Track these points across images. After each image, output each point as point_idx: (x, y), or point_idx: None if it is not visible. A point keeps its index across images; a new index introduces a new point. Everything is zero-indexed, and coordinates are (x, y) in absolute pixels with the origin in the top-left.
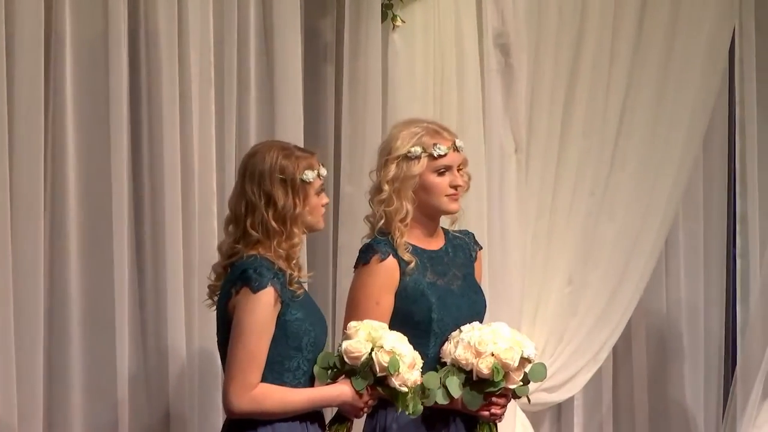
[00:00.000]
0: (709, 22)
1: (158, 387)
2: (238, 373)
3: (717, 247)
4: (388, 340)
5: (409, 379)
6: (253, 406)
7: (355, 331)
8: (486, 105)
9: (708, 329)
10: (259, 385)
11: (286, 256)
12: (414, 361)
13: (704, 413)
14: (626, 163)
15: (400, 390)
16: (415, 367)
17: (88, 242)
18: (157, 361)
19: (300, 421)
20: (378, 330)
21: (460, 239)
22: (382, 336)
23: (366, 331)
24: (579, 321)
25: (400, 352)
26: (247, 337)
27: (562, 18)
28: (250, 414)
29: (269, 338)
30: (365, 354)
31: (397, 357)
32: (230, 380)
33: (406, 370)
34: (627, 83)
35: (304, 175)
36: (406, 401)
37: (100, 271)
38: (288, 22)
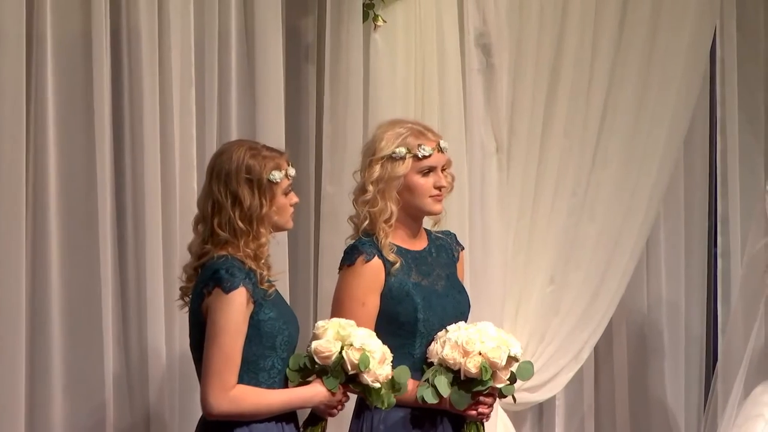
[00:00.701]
0: (690, 21)
1: (139, 389)
2: (215, 374)
3: (698, 247)
4: (358, 338)
5: (381, 374)
6: (232, 407)
7: (324, 331)
8: (467, 104)
9: (689, 329)
10: (236, 386)
11: (254, 255)
12: (384, 356)
13: (685, 412)
14: (607, 162)
15: (372, 386)
16: (386, 362)
17: (70, 242)
18: (138, 363)
19: (276, 421)
20: (346, 328)
21: (443, 239)
22: (350, 334)
23: (334, 329)
24: (560, 320)
25: (370, 348)
26: (222, 338)
27: (543, 18)
28: (229, 415)
29: (243, 338)
30: (335, 353)
31: (367, 353)
32: (208, 382)
33: (376, 365)
34: (608, 83)
35: (270, 175)
36: (380, 396)
37: (82, 272)
38: (269, 22)
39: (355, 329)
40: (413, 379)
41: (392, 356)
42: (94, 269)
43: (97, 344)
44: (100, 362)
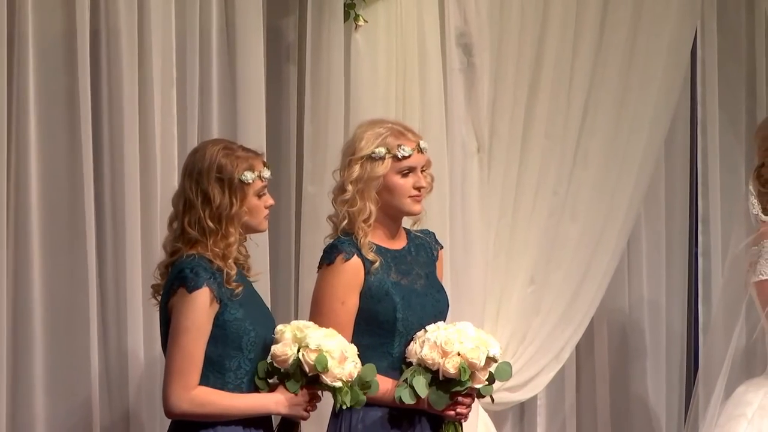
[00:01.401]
0: (671, 22)
1: (118, 389)
2: (177, 373)
3: (679, 247)
4: (314, 338)
5: (341, 373)
6: (192, 408)
7: (281, 334)
8: (448, 104)
9: (670, 328)
10: (198, 387)
11: (223, 255)
12: (343, 355)
13: (666, 412)
14: (588, 162)
15: (333, 385)
16: (348, 360)
17: (52, 242)
18: (117, 363)
19: (244, 426)
20: (303, 329)
21: (422, 239)
22: (307, 335)
23: (291, 332)
24: (541, 320)
25: (328, 348)
26: (184, 338)
27: (524, 17)
28: (189, 415)
29: (206, 338)
30: (292, 356)
31: (324, 354)
32: (169, 381)
33: (335, 365)
34: (589, 83)
35: (243, 176)
36: (345, 395)
37: (64, 272)
38: (250, 21)
39: (313, 330)
40: (392, 378)
41: (361, 353)
42: (76, 269)
43: (80, 344)
44: (82, 362)
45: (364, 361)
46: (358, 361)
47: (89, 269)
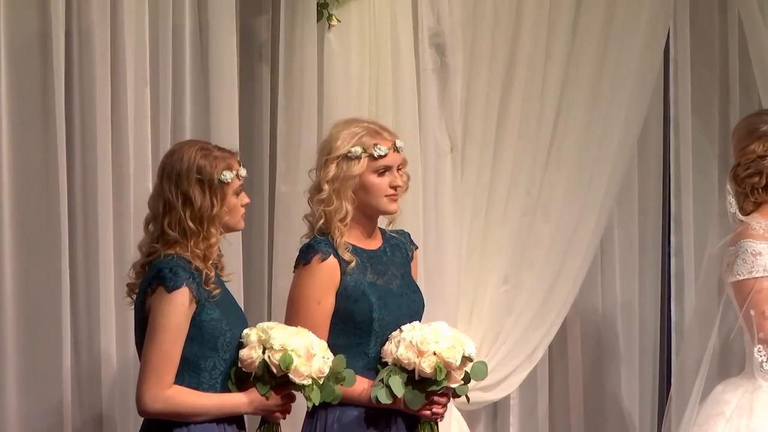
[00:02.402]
0: (644, 21)
1: (90, 390)
2: (152, 372)
3: (652, 246)
4: (277, 339)
5: (308, 370)
6: (165, 407)
7: (247, 338)
8: (421, 104)
9: (643, 328)
10: (172, 386)
11: (203, 256)
12: (309, 352)
13: (639, 411)
14: (561, 162)
15: (302, 384)
16: (315, 357)
17: (22, 242)
18: (89, 364)
19: (217, 423)
20: (267, 330)
21: (397, 239)
22: (270, 336)
23: (256, 335)
24: (514, 320)
25: (293, 347)
26: (162, 337)
27: (497, 18)
28: (162, 414)
29: (183, 338)
30: (258, 359)
31: (289, 353)
32: (144, 380)
33: (302, 363)
34: (562, 83)
35: (222, 176)
36: (317, 391)
37: (37, 271)
38: (223, 21)
39: (277, 330)
40: (368, 378)
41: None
42: (49, 269)
43: (52, 345)
44: (54, 362)
45: None
46: (329, 356)
47: (62, 269)
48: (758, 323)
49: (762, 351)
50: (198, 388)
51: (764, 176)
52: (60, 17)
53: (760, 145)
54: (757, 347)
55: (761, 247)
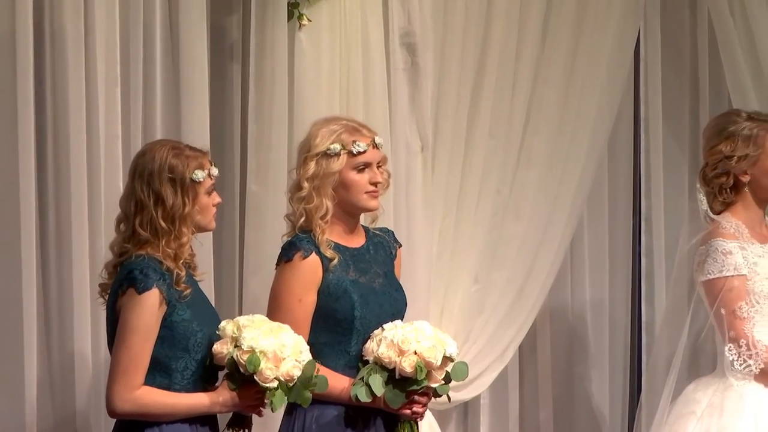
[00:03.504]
0: (614, 21)
1: (63, 390)
2: (121, 374)
3: (622, 246)
4: (247, 338)
5: (273, 374)
6: (135, 408)
7: (223, 331)
8: (392, 103)
9: (613, 327)
10: (141, 387)
11: (175, 255)
12: (277, 355)
13: (610, 411)
14: (532, 161)
15: (265, 386)
16: (285, 360)
17: None
18: (62, 366)
19: (189, 423)
20: (241, 328)
21: (381, 237)
22: (241, 334)
23: (231, 329)
24: (485, 320)
25: (262, 348)
26: (131, 339)
27: (468, 17)
28: (132, 415)
29: (153, 340)
30: (228, 355)
31: (257, 354)
32: (113, 381)
33: (269, 366)
34: (533, 82)
35: (194, 175)
36: (280, 396)
37: (6, 273)
38: (194, 20)
39: (250, 329)
40: (349, 377)
41: (319, 350)
42: (16, 270)
43: (20, 346)
44: (25, 363)
45: (322, 358)
46: (303, 359)
47: (32, 270)
48: (729, 322)
49: (733, 350)
50: (169, 388)
51: (731, 176)
52: (30, 17)
53: (727, 145)
54: (728, 346)
55: (732, 246)
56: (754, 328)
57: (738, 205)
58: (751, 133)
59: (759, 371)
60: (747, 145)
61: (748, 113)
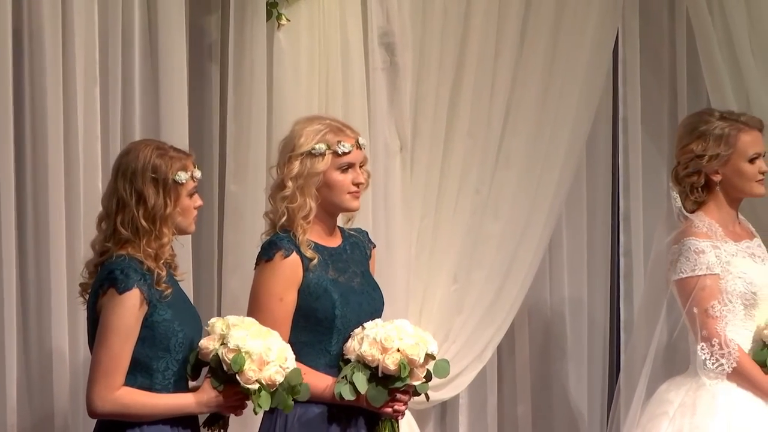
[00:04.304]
0: (593, 21)
1: (41, 391)
2: (101, 374)
3: (601, 246)
4: (234, 338)
5: (256, 376)
6: (116, 409)
7: (212, 327)
8: (371, 103)
9: (592, 327)
10: (122, 387)
11: (155, 255)
12: (263, 359)
13: (588, 410)
14: (511, 161)
15: (247, 388)
16: (270, 365)
17: None
18: (40, 365)
19: (171, 425)
20: (231, 326)
21: (356, 237)
22: (229, 333)
23: (220, 326)
24: (464, 319)
25: (248, 349)
26: (112, 339)
27: (447, 17)
28: (112, 415)
29: (134, 340)
30: (213, 351)
31: (242, 355)
32: (93, 382)
33: (252, 368)
34: (512, 82)
35: (177, 176)
36: (264, 399)
37: None
38: (173, 20)
39: (239, 329)
40: (330, 375)
41: (299, 350)
42: None
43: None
44: (3, 366)
45: (303, 358)
46: (288, 366)
47: (11, 270)
48: (701, 321)
49: (705, 349)
50: (150, 389)
51: (703, 175)
52: (8, 16)
53: (699, 144)
54: (700, 345)
55: (704, 245)
56: (727, 327)
57: (711, 204)
58: (722, 133)
59: (731, 370)
60: (718, 145)
61: (720, 113)
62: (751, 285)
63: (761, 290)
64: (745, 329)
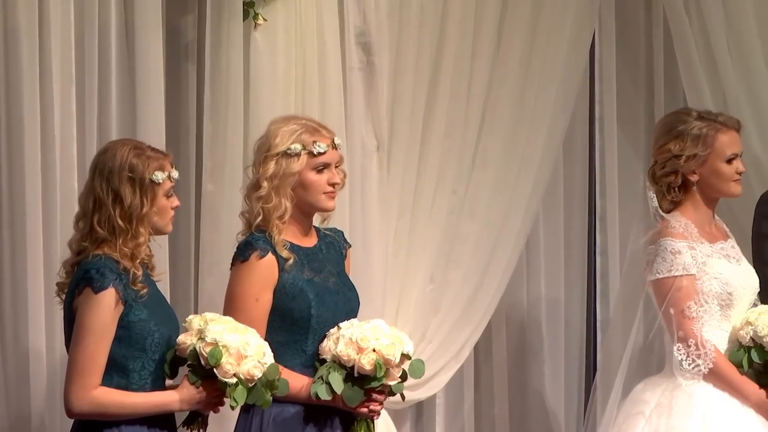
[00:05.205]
0: (569, 21)
1: (17, 391)
2: (78, 374)
3: (577, 245)
4: (212, 332)
5: (234, 370)
6: (93, 408)
7: (190, 323)
8: (348, 103)
9: (569, 327)
10: (99, 387)
11: (131, 255)
12: (240, 353)
13: (565, 410)
14: (488, 161)
15: (225, 381)
16: (247, 359)
17: None
18: (16, 365)
19: (149, 425)
20: (209, 321)
21: (331, 237)
22: (207, 327)
23: (198, 322)
24: (441, 319)
25: (225, 343)
26: (88, 339)
27: (423, 16)
28: (90, 415)
29: (110, 340)
30: (190, 346)
31: (219, 348)
32: (70, 381)
33: (230, 361)
34: (488, 82)
35: (153, 176)
36: (240, 394)
37: None
38: (149, 19)
39: (217, 323)
40: (305, 375)
41: (275, 350)
42: None
43: None
44: None
45: (279, 358)
46: (266, 361)
47: None
48: (678, 322)
49: (681, 349)
50: (127, 388)
51: (680, 175)
52: None
53: (676, 144)
54: (677, 345)
55: (681, 246)
56: (703, 327)
57: (687, 204)
58: (700, 133)
59: (707, 371)
60: (696, 145)
61: (698, 112)
62: (727, 285)
63: (737, 291)
64: (721, 330)
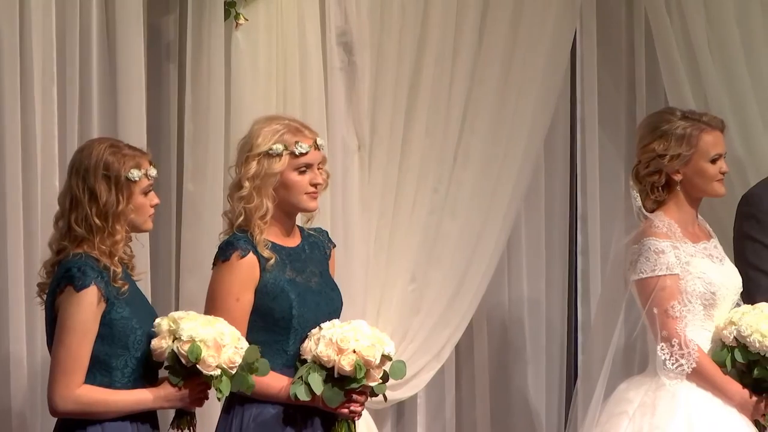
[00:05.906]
0: (551, 21)
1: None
2: (61, 373)
3: (559, 245)
4: (186, 329)
5: (216, 361)
6: (76, 407)
7: (158, 327)
8: (329, 103)
9: (550, 326)
10: (82, 386)
11: (109, 252)
12: (218, 342)
13: (546, 410)
14: (469, 161)
15: (209, 375)
16: (226, 347)
17: None
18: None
19: (131, 421)
20: (177, 321)
21: (315, 237)
22: (179, 326)
23: (167, 324)
24: (422, 319)
25: (201, 338)
26: (70, 337)
27: (405, 16)
28: (74, 414)
29: (93, 338)
30: (168, 349)
31: (197, 344)
32: (53, 380)
33: (210, 354)
34: (470, 82)
35: (129, 173)
36: (226, 383)
37: None
38: (130, 19)
39: (187, 321)
40: (287, 376)
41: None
42: None
43: None
44: None
45: None
46: (242, 345)
47: None
48: (661, 321)
49: (665, 349)
50: (110, 387)
51: (663, 175)
52: None
53: (660, 144)
54: (660, 345)
55: (664, 245)
56: (687, 327)
57: (671, 203)
58: (684, 133)
59: (691, 370)
60: (680, 145)
61: (682, 112)
62: (711, 285)
63: (720, 291)
64: (704, 329)
